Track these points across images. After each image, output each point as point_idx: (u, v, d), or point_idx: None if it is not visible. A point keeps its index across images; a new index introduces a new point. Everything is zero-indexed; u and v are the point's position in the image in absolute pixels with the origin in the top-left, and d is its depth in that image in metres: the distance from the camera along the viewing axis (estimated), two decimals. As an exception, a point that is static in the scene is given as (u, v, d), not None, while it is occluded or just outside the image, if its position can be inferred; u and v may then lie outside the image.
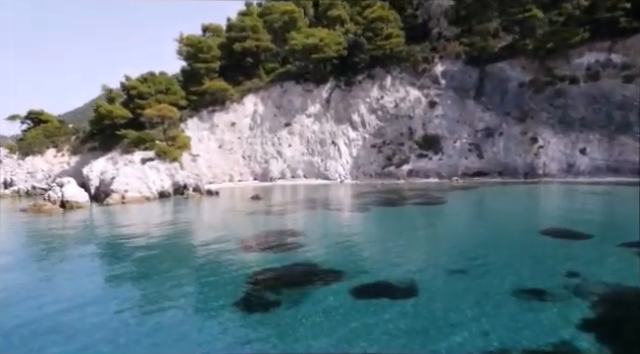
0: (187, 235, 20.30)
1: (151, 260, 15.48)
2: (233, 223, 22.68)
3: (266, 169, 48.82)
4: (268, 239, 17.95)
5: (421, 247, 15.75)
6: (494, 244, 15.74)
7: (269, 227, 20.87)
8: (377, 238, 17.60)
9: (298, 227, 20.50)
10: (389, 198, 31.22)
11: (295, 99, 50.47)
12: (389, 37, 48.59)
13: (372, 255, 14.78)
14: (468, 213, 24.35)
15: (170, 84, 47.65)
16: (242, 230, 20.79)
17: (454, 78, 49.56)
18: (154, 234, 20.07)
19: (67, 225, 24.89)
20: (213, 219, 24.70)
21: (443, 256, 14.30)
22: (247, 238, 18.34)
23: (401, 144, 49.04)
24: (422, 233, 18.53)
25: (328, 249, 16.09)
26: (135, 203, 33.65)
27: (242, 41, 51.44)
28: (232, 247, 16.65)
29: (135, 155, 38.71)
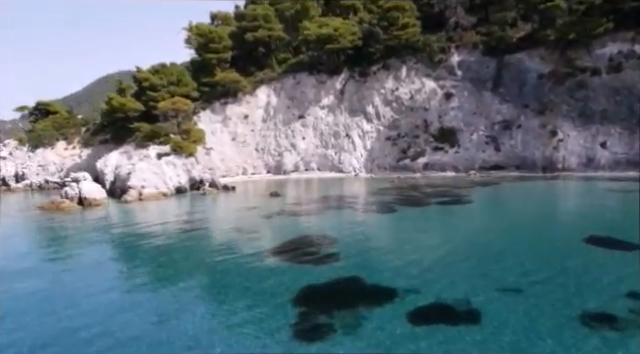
0: (215, 241, 19.88)
1: (183, 275, 15.08)
2: (259, 226, 22.22)
3: (280, 162, 48.26)
4: (302, 247, 17.54)
5: (465, 259, 15.28)
6: (540, 256, 15.26)
7: (298, 231, 20.43)
8: (414, 246, 17.10)
9: (329, 232, 20.05)
10: (411, 196, 30.73)
11: (308, 90, 49.60)
12: (405, 27, 47.44)
13: (416, 268, 14.33)
14: (499, 216, 23.81)
15: (181, 75, 46.78)
16: (271, 235, 20.36)
17: (471, 69, 48.52)
18: (180, 240, 19.69)
19: (89, 225, 24.54)
20: (237, 221, 24.20)
21: (491, 271, 13.84)
22: (279, 246, 17.91)
23: (416, 137, 48.29)
24: (459, 241, 18.03)
25: (368, 260, 15.66)
26: (152, 200, 33.25)
27: (254, 31, 50.35)
28: (268, 258, 16.26)
29: (150, 150, 38.16)
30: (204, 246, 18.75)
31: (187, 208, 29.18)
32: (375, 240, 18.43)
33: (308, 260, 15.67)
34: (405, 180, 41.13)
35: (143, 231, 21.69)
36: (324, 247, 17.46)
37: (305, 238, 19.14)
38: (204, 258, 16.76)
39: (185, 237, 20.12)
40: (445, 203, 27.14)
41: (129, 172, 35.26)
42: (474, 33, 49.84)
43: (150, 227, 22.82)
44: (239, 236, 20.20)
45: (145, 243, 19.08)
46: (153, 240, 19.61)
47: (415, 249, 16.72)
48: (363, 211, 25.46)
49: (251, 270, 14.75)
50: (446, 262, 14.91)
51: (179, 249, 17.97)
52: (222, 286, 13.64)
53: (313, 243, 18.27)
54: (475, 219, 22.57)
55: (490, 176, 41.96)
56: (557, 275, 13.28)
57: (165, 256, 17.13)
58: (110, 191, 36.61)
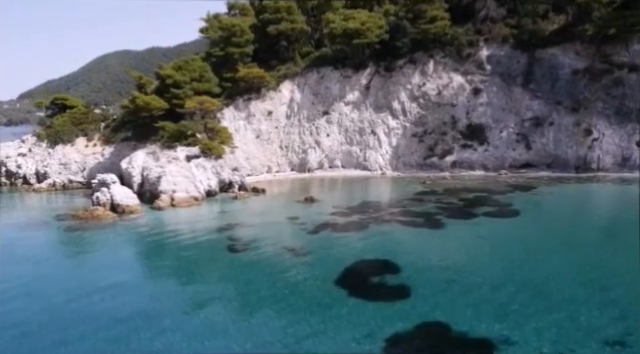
0: (274, 266, 19.15)
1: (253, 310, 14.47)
2: (309, 245, 21.47)
3: (304, 159, 47.39)
4: (364, 276, 16.93)
5: (562, 305, 13.92)
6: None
7: (353, 253, 19.85)
8: (486, 278, 16.27)
9: (386, 255, 19.43)
10: (452, 204, 30.01)
11: (333, 86, 48.34)
12: (434, 20, 45.87)
13: (502, 309, 13.60)
14: (558, 232, 22.82)
15: (204, 71, 45.46)
16: (326, 258, 19.68)
17: (500, 63, 47.12)
18: (240, 268, 19.00)
19: (134, 238, 23.96)
20: (284, 237, 23.49)
21: (607, 321, 12.67)
22: (341, 275, 17.22)
23: (444, 133, 47.24)
24: (539, 276, 16.55)
25: (441, 296, 14.97)
26: (185, 205, 32.60)
27: (276, 23, 48.74)
28: (333, 291, 15.60)
29: (179, 151, 37.31)
30: (267, 272, 18.10)
31: (226, 218, 28.30)
32: (439, 269, 17.73)
33: (377, 294, 15.04)
34: (436, 181, 40.32)
35: (194, 254, 21.04)
36: (388, 277, 16.84)
37: (363, 264, 18.52)
38: (273, 292, 16.11)
39: (245, 261, 19.46)
40: (491, 215, 26.44)
41: (159, 176, 34.50)
42: (503, 26, 48.24)
43: (198, 246, 22.17)
44: (293, 259, 19.56)
45: (204, 271, 18.45)
46: (214, 266, 18.99)
47: (489, 282, 16.05)
48: (411, 225, 24.75)
49: (322, 311, 14.07)
50: (534, 306, 14.18)
51: (246, 281, 17.17)
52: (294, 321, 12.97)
53: (374, 271, 17.67)
54: (534, 239, 21.49)
55: (522, 176, 41.15)
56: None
57: (235, 288, 16.53)
58: (138, 194, 35.84)
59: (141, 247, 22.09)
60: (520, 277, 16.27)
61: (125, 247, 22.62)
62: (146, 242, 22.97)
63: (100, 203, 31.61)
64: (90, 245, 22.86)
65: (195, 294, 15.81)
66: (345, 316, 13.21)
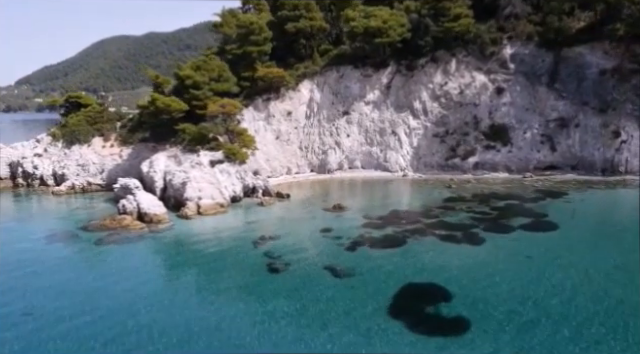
0: (322, 290, 18.70)
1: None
2: (350, 264, 20.92)
3: (324, 160, 46.79)
4: (417, 303, 16.49)
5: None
6: None
7: (398, 275, 19.36)
8: (556, 314, 15.39)
9: (433, 277, 19.05)
10: (485, 214, 29.50)
11: (353, 85, 47.50)
12: (458, 17, 44.79)
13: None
14: (605, 251, 22.15)
15: (222, 71, 44.58)
16: (372, 281, 19.18)
17: (524, 62, 46.19)
18: (288, 294, 18.51)
19: (169, 256, 23.54)
20: (322, 253, 22.94)
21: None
22: (392, 302, 16.77)
23: (466, 134, 46.51)
24: (606, 307, 15.86)
25: (509, 333, 14.48)
26: (211, 212, 32.14)
27: (295, 21, 47.75)
28: (390, 323, 15.15)
29: (202, 156, 36.72)
30: (314, 298, 17.66)
31: (257, 230, 27.71)
32: (494, 297, 17.14)
33: (435, 328, 14.62)
34: (461, 185, 39.74)
35: (236, 275, 20.63)
36: (442, 306, 16.37)
37: (411, 289, 18.07)
38: (326, 323, 15.70)
39: (289, 285, 18.92)
40: (529, 228, 25.98)
41: (184, 182, 33.98)
42: (527, 22, 47.13)
43: (239, 265, 21.76)
44: (337, 283, 19.07)
45: (252, 298, 18.01)
46: (260, 291, 18.55)
47: (552, 314, 15.53)
48: (450, 240, 24.26)
49: (383, 346, 13.66)
50: (618, 345, 13.65)
51: (295, 312, 16.58)
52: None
53: (425, 298, 17.24)
54: (584, 261, 20.51)
55: (548, 180, 40.55)
56: None
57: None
58: (161, 199, 35.37)
59: (179, 269, 21.53)
60: (584, 310, 15.74)
61: (163, 268, 22.13)
62: (182, 261, 22.44)
63: (127, 211, 31.16)
64: (125, 264, 22.38)
65: (250, 324, 15.45)
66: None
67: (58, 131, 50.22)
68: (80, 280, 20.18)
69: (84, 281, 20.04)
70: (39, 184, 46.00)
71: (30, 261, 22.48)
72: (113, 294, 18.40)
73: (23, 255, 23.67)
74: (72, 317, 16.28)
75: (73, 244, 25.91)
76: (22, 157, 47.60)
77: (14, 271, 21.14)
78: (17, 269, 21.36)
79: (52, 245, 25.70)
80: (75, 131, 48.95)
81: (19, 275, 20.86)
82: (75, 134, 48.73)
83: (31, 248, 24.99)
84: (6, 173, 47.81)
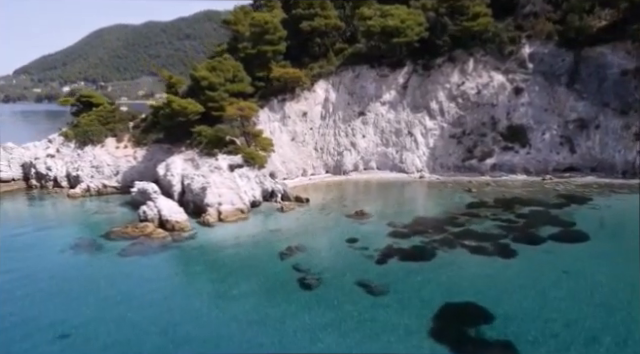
0: (353, 309, 18.41)
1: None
2: (383, 281, 20.58)
3: (339, 162, 46.36)
4: (464, 329, 16.29)
5: None
6: None
7: (434, 292, 19.08)
8: (608, 339, 15.25)
9: (470, 296, 18.77)
10: (511, 222, 29.19)
11: (369, 85, 46.88)
12: (476, 16, 43.99)
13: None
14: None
15: (237, 71, 43.96)
16: (407, 299, 18.89)
17: (544, 62, 45.46)
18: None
19: (196, 267, 23.28)
20: (351, 266, 22.63)
21: None
22: (436, 326, 16.54)
23: (483, 135, 45.97)
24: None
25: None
26: (232, 219, 31.85)
27: (310, 19, 47.01)
28: (441, 351, 14.88)
29: (220, 160, 36.34)
30: (352, 320, 17.40)
31: (281, 238, 27.34)
32: (537, 318, 16.83)
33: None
34: (481, 188, 39.35)
35: (269, 291, 20.36)
36: (485, 329, 16.09)
37: (450, 310, 17.77)
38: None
39: (324, 304, 18.60)
40: (559, 238, 25.67)
41: (203, 187, 33.66)
42: (546, 21, 46.28)
43: (270, 280, 21.51)
44: (373, 302, 18.76)
45: (290, 319, 17.75)
46: (296, 309, 18.27)
47: (604, 340, 15.22)
48: (481, 252, 23.97)
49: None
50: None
51: (337, 338, 16.33)
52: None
53: (466, 319, 16.93)
54: (624, 278, 19.91)
55: (569, 183, 40.08)
56: None
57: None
58: (179, 203, 35.06)
59: (209, 285, 21.15)
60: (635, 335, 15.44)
61: (192, 284, 21.73)
62: (211, 277, 22.03)
63: (148, 218, 30.88)
64: (153, 279, 22.13)
65: (295, 347, 15.22)
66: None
67: (70, 131, 49.81)
68: (109, 298, 19.90)
69: (113, 299, 19.77)
70: (53, 185, 45.72)
71: (60, 277, 22.25)
72: (147, 316, 18.11)
73: (52, 269, 23.47)
74: (111, 338, 16.07)
75: (98, 255, 25.66)
76: (35, 158, 47.30)
77: (46, 287, 20.96)
78: (48, 286, 21.17)
79: (78, 257, 25.46)
80: (88, 131, 48.53)
81: (50, 290, 20.70)
82: (88, 134, 48.33)
83: (58, 260, 24.78)
84: (19, 174, 47.58)
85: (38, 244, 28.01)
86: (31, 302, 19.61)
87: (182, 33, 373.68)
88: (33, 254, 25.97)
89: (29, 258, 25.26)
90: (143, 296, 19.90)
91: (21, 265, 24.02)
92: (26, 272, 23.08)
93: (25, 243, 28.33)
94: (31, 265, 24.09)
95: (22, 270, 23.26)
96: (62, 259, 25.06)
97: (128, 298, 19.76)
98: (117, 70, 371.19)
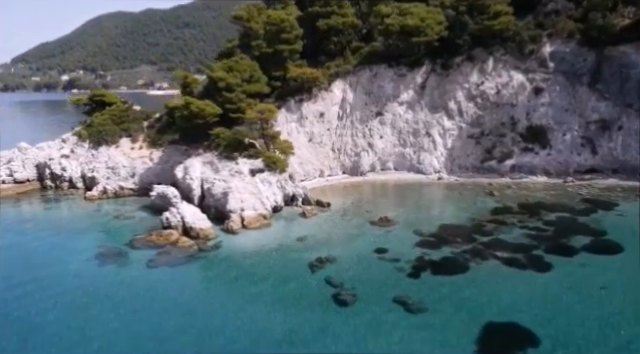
0: (393, 330, 18.16)
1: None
2: (419, 297, 20.35)
3: (356, 162, 45.92)
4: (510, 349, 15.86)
5: None
6: None
7: (476, 313, 18.84)
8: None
9: (512, 314, 18.65)
10: (539, 230, 28.84)
11: (386, 85, 46.23)
12: (498, 15, 43.15)
13: None
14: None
15: (253, 71, 43.34)
16: (450, 319, 18.66)
17: (565, 61, 44.68)
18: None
19: (227, 279, 23.01)
20: (379, 278, 22.41)
21: None
22: (483, 350, 16.17)
23: (502, 135, 45.42)
24: None
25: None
26: (256, 225, 31.59)
27: (327, 17, 46.23)
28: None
29: (241, 164, 35.95)
30: (396, 342, 17.16)
31: (308, 247, 27.04)
32: (585, 341, 16.57)
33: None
34: (503, 191, 38.96)
35: (304, 310, 20.11)
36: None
37: (493, 331, 17.53)
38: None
39: (363, 326, 18.34)
40: (592, 249, 25.39)
41: (225, 192, 33.33)
42: (567, 19, 45.39)
43: (303, 296, 21.25)
44: (414, 322, 18.51)
45: (331, 341, 17.51)
46: (336, 331, 18.01)
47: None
48: (514, 265, 23.72)
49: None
50: None
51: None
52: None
53: (511, 342, 16.68)
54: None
55: (591, 186, 39.62)
56: None
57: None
58: (199, 207, 34.77)
59: (241, 300, 20.71)
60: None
61: (223, 300, 21.34)
62: (244, 292, 21.56)
63: (171, 225, 30.63)
64: (186, 292, 21.94)
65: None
66: None
67: (84, 131, 49.44)
68: (140, 314, 19.73)
69: (144, 315, 19.58)
70: (68, 186, 45.54)
71: (88, 291, 22.04)
72: (189, 340, 17.86)
73: (79, 280, 23.30)
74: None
75: (126, 266, 25.44)
76: (49, 158, 47.04)
77: (78, 304, 20.80)
78: (81, 303, 20.99)
79: (104, 268, 25.24)
80: (102, 131, 48.16)
81: (77, 304, 20.52)
82: (102, 134, 47.98)
83: (84, 271, 24.59)
84: (33, 174, 47.42)
85: (62, 252, 27.80)
86: (64, 317, 19.42)
87: (181, 21, 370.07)
88: (58, 264, 25.73)
89: (54, 269, 25.04)
90: (180, 316, 19.61)
91: (47, 276, 23.80)
92: (53, 285, 22.86)
93: (48, 251, 28.16)
94: (58, 277, 23.87)
95: (49, 283, 22.99)
96: (89, 270, 24.84)
97: (164, 319, 19.48)
98: (116, 59, 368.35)
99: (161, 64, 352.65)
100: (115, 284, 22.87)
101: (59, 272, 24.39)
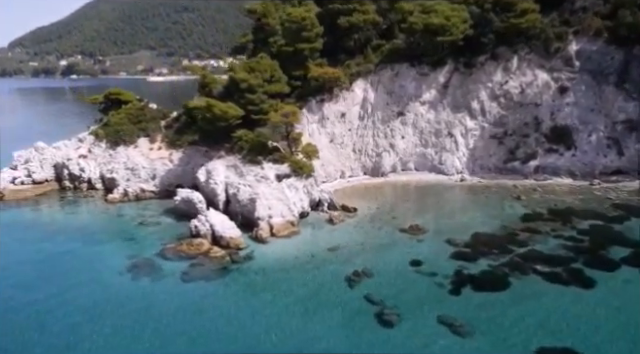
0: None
1: None
2: (462, 313, 20.25)
3: (378, 163, 45.42)
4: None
5: None
6: None
7: (525, 336, 18.55)
8: None
9: (563, 337, 18.37)
10: (576, 241, 28.46)
11: (408, 84, 45.44)
12: (524, 13, 42.13)
13: None
14: None
15: (274, 70, 42.56)
16: (499, 343, 18.35)
17: (591, 59, 43.80)
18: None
19: (266, 296, 22.74)
20: (418, 295, 22.24)
21: None
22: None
23: (525, 136, 44.79)
24: None
25: None
26: (285, 233, 31.36)
27: (348, 15, 45.24)
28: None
29: (267, 169, 35.50)
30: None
31: (341, 259, 26.74)
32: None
33: None
34: (529, 194, 38.48)
35: (352, 331, 19.85)
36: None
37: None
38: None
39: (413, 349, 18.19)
40: (633, 262, 25.12)
41: (252, 198, 32.99)
42: (594, 16, 44.35)
43: (346, 315, 20.98)
44: (465, 345, 18.22)
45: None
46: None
47: None
48: (556, 280, 23.47)
49: None
50: None
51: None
52: None
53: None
54: None
55: (619, 189, 39.16)
56: None
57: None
58: (224, 212, 34.49)
59: (285, 318, 20.71)
60: None
61: (268, 317, 20.91)
62: (284, 308, 21.53)
63: (200, 233, 30.38)
64: (224, 308, 21.71)
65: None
66: None
67: (101, 130, 48.95)
68: (188, 336, 19.52)
69: (193, 336, 19.37)
70: (87, 187, 45.24)
71: (129, 311, 21.80)
72: None
73: (117, 300, 23.01)
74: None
75: (159, 280, 25.22)
76: (67, 159, 46.66)
77: (117, 324, 20.59)
78: (119, 323, 20.77)
79: (140, 282, 25.02)
80: (119, 131, 47.65)
81: (119, 328, 20.35)
82: (119, 134, 47.48)
83: (120, 287, 24.34)
84: (51, 175, 47.06)
85: (92, 265, 27.49)
86: (111, 342, 19.25)
87: (180, 5, 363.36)
88: (91, 278, 25.45)
89: (88, 283, 24.75)
90: (222, 339, 19.40)
91: (82, 294, 23.51)
92: (89, 302, 22.60)
93: (78, 263, 27.80)
94: (93, 293, 23.62)
95: (86, 302, 22.65)
96: (124, 285, 24.56)
97: (207, 341, 19.29)
98: (114, 44, 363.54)
99: (160, 49, 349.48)
100: (154, 302, 22.65)
101: (95, 289, 24.05)
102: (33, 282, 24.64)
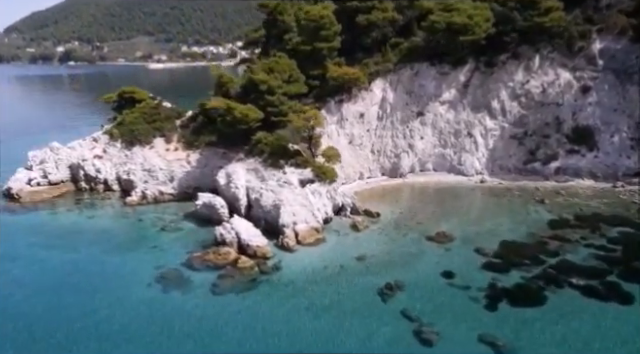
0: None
1: None
2: (509, 337, 19.87)
3: (396, 164, 44.95)
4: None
5: None
6: None
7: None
8: None
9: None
10: (606, 248, 28.28)
11: (428, 84, 44.74)
12: (548, 11, 41.24)
13: None
14: None
15: (292, 70, 41.90)
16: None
17: (615, 58, 43.07)
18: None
19: (301, 314, 22.51)
20: (457, 313, 21.86)
21: None
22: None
23: (546, 136, 44.24)
24: None
25: None
26: (310, 240, 31.11)
27: (367, 12, 44.37)
28: None
29: (289, 174, 35.12)
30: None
31: (370, 269, 26.57)
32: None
33: None
34: (552, 198, 38.11)
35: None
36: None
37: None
38: None
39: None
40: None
41: (276, 205, 32.67)
42: (618, 13, 43.42)
43: (385, 329, 20.94)
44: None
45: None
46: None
47: None
48: (594, 296, 23.17)
49: None
50: None
51: None
52: None
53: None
54: None
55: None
56: None
57: None
58: (246, 217, 34.22)
59: (321, 336, 20.55)
60: None
61: (302, 336, 20.91)
62: (319, 325, 21.30)
63: (225, 241, 30.13)
64: (258, 326, 21.51)
65: None
66: None
67: (116, 130, 48.43)
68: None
69: None
70: (103, 189, 44.91)
71: (163, 327, 21.60)
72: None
73: (148, 312, 22.86)
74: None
75: (189, 292, 25.05)
76: (82, 159, 46.24)
77: (156, 343, 20.42)
78: (157, 341, 20.59)
79: (169, 295, 24.82)
80: (134, 130, 47.17)
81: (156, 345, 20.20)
82: (134, 134, 47.01)
83: (150, 301, 24.04)
84: (67, 175, 46.64)
85: (119, 275, 27.26)
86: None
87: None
88: (119, 291, 25.20)
89: (117, 297, 24.49)
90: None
91: (112, 308, 23.29)
92: (121, 319, 22.32)
93: (105, 274, 27.52)
94: (124, 308, 23.40)
95: (118, 318, 22.42)
96: (153, 299, 24.28)
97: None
98: (112, 29, 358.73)
99: (158, 35, 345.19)
100: (187, 317, 22.45)
101: (121, 302, 23.83)
102: (66, 300, 24.29)
